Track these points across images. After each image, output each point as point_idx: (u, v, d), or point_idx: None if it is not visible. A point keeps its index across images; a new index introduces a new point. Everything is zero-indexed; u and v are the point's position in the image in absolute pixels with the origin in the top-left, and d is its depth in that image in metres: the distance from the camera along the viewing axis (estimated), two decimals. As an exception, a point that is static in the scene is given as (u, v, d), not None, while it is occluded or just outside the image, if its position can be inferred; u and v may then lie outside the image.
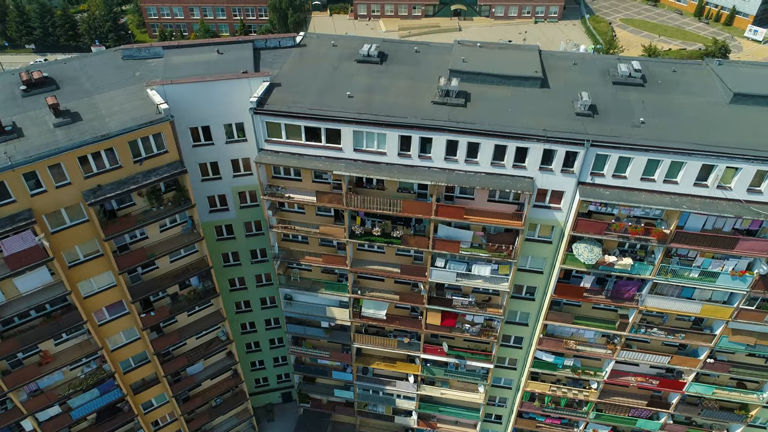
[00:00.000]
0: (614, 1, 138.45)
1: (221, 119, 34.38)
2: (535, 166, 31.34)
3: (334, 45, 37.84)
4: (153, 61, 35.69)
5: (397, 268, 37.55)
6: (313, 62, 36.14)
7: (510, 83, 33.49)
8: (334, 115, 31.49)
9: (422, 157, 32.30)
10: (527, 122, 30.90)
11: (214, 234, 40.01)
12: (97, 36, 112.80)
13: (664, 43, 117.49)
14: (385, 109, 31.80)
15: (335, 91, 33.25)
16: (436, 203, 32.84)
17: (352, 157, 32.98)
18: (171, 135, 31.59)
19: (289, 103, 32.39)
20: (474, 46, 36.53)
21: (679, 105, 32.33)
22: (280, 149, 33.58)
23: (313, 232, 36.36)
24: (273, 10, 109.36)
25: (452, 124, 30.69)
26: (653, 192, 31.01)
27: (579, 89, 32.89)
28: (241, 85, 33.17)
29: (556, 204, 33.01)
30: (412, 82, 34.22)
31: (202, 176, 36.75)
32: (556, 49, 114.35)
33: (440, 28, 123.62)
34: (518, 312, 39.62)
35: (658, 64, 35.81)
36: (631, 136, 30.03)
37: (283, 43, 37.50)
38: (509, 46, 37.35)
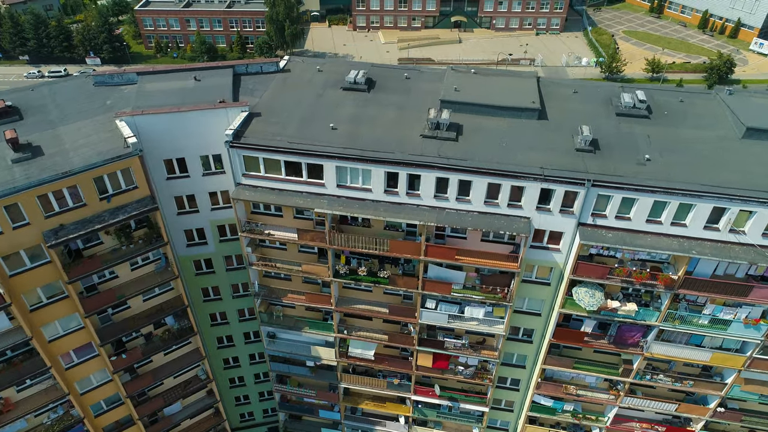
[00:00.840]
0: (617, 13, 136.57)
1: (197, 151, 32.21)
2: (532, 205, 29.02)
3: (320, 70, 35.68)
4: (126, 88, 33.58)
5: (385, 307, 35.20)
6: (296, 89, 33.97)
7: (505, 114, 31.24)
8: (316, 150, 29.27)
9: (410, 195, 30.02)
10: (523, 158, 28.62)
11: (192, 268, 37.75)
12: (91, 47, 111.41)
13: (668, 56, 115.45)
14: (370, 143, 29.58)
15: (318, 122, 31.05)
16: (425, 243, 30.51)
17: (335, 194, 30.73)
18: (140, 170, 29.44)
19: (268, 135, 30.19)
20: (467, 73, 34.32)
21: (687, 140, 30.00)
22: (259, 184, 31.35)
23: (296, 270, 34.05)
24: (270, 22, 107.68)
25: (442, 161, 28.43)
26: (660, 235, 28.67)
27: (579, 121, 30.62)
28: (218, 116, 31.01)
29: (554, 245, 30.67)
30: (400, 113, 32.00)
31: (178, 209, 34.53)
32: (557, 62, 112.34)
33: (440, 39, 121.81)
34: (515, 354, 37.20)
35: (665, 94, 33.51)
36: (636, 175, 27.70)
37: (266, 69, 35.35)
38: (506, 74, 35.10)
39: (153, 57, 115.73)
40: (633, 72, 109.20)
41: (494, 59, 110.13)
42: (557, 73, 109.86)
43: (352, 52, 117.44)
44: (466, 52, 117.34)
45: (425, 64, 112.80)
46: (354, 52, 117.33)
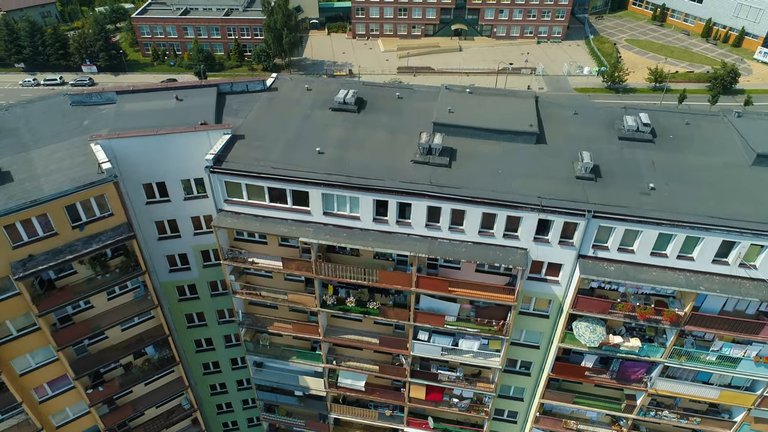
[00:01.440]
0: (619, 21, 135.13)
1: (178, 175, 30.66)
2: (529, 236, 27.35)
3: (308, 89, 34.13)
4: (105, 108, 32.07)
5: (375, 338, 33.51)
6: (283, 110, 32.42)
7: (502, 138, 29.63)
8: (301, 176, 27.70)
9: (401, 223, 28.39)
10: (520, 186, 26.97)
11: (175, 294, 36.16)
12: (87, 55, 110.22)
13: (671, 65, 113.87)
14: (358, 169, 27.97)
15: (304, 146, 29.48)
16: (417, 274, 28.84)
17: (321, 221, 29.12)
18: (116, 196, 27.87)
19: (251, 160, 28.62)
20: (462, 93, 32.72)
21: (694, 166, 28.33)
22: (242, 210, 29.75)
23: (281, 299, 32.39)
24: (268, 31, 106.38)
25: (433, 189, 26.80)
26: (665, 268, 26.94)
27: (580, 146, 28.98)
28: (199, 138, 29.47)
29: (553, 277, 28.99)
30: (391, 135, 30.41)
31: (159, 234, 32.95)
32: (559, 71, 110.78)
33: (440, 48, 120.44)
34: (512, 387, 35.45)
35: (670, 116, 31.86)
36: (640, 206, 26.03)
37: (252, 87, 33.81)
38: (503, 93, 33.47)
39: (150, 65, 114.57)
40: (635, 81, 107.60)
41: (495, 68, 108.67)
42: (558, 83, 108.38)
43: (351, 60, 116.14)
44: (467, 60, 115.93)
45: (425, 72, 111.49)
46: (353, 60, 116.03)
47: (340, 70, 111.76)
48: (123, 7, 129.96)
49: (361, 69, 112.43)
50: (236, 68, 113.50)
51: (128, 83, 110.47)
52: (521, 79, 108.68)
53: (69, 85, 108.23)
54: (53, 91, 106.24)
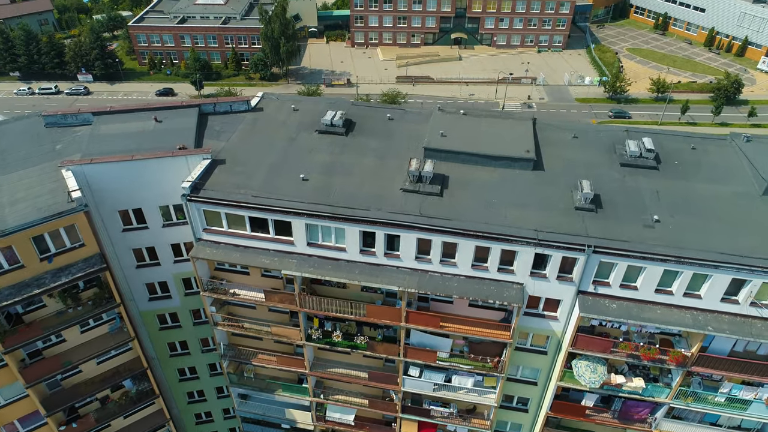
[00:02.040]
0: (621, 30, 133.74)
1: (155, 201, 29.10)
2: (526, 271, 25.67)
3: (295, 109, 32.58)
4: (80, 130, 30.56)
5: (364, 372, 31.80)
6: (267, 132, 30.86)
7: (497, 164, 28.01)
8: (283, 206, 26.07)
9: (389, 256, 26.74)
10: (516, 218, 25.32)
11: (156, 323, 34.53)
12: (83, 64, 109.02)
13: (674, 75, 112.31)
14: (344, 198, 26.36)
15: (288, 172, 27.89)
16: (406, 309, 27.15)
17: (305, 252, 27.48)
18: (87, 226, 26.32)
19: (232, 187, 27.02)
20: (456, 114, 31.12)
21: (701, 196, 26.65)
22: (221, 240, 28.13)
23: (264, 332, 30.71)
24: (265, 39, 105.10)
25: (423, 221, 25.16)
26: (671, 306, 25.22)
27: (579, 173, 27.37)
28: (177, 164, 27.94)
29: (551, 312, 27.29)
30: (380, 161, 28.80)
31: (137, 262, 31.33)
32: (560, 80, 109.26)
33: (440, 57, 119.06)
34: (509, 423, 33.66)
35: (675, 140, 30.22)
36: (643, 240, 24.34)
37: (236, 108, 32.26)
38: (498, 115, 31.85)
39: (146, 74, 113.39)
40: (637, 92, 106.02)
41: (495, 77, 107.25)
42: (559, 92, 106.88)
43: (349, 69, 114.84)
44: (466, 69, 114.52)
45: (424, 82, 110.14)
46: (352, 69, 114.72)
47: (338, 79, 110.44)
48: (120, 15, 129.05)
49: (360, 78, 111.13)
50: (233, 77, 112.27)
51: (124, 92, 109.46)
52: (521, 88, 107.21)
53: (64, 93, 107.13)
54: (48, 100, 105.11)
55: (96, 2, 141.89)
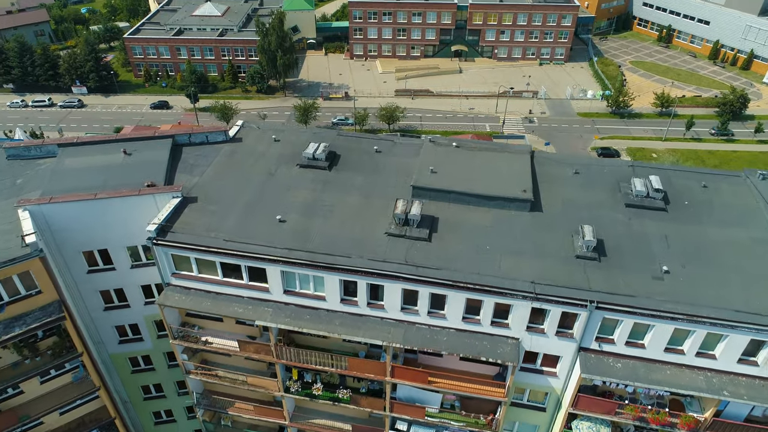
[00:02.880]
0: (624, 42, 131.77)
1: (122, 242, 26.97)
2: (522, 325, 23.37)
3: (276, 140, 30.43)
4: (44, 162, 28.50)
5: (348, 424, 29.44)
6: (245, 165, 28.71)
7: (491, 205, 25.78)
8: (257, 252, 23.85)
9: (372, 306, 24.47)
10: (511, 267, 23.05)
11: (128, 365, 32.34)
12: (77, 76, 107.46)
13: (678, 88, 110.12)
14: (324, 242, 24.14)
15: (265, 212, 25.70)
16: (392, 363, 24.83)
17: (282, 300, 25.20)
18: (43, 272, 24.17)
19: (202, 229, 24.84)
20: (448, 147, 28.93)
21: (715, 242, 24.33)
22: (192, 285, 25.89)
23: (240, 382, 28.38)
24: (262, 52, 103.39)
25: (409, 270, 22.90)
26: (682, 366, 22.84)
27: (581, 215, 25.12)
28: (144, 203, 25.80)
29: (550, 368, 24.95)
30: (364, 199, 26.59)
31: (105, 304, 29.14)
32: (562, 94, 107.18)
33: (440, 69, 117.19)
34: (504, 478, 31.16)
35: (684, 177, 27.94)
36: (651, 294, 22.03)
37: (212, 138, 30.15)
38: (494, 148, 29.62)
39: (142, 86, 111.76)
40: (641, 106, 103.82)
41: (496, 90, 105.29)
42: (561, 106, 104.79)
43: (348, 82, 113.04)
44: (467, 83, 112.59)
45: (423, 95, 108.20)
46: (350, 82, 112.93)
47: (336, 92, 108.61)
48: (117, 26, 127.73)
49: (358, 91, 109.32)
50: (230, 90, 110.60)
51: (118, 105, 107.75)
52: (523, 102, 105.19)
53: (58, 106, 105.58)
54: (41, 113, 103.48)
55: (93, 13, 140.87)
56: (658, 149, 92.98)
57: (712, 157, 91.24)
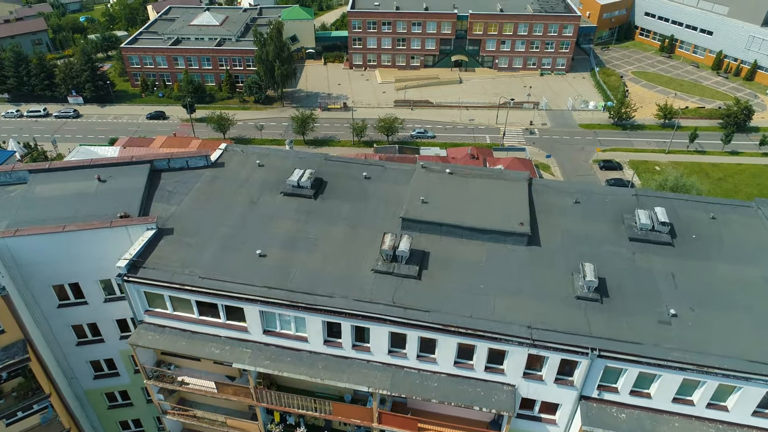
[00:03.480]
0: (626, 52, 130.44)
1: (94, 275, 25.44)
2: (518, 371, 21.69)
3: (260, 165, 28.89)
4: (14, 190, 27.01)
5: (335, 467, 27.65)
6: (226, 193, 27.16)
7: (486, 238, 24.14)
8: (233, 291, 22.23)
9: (358, 348, 22.80)
10: (506, 309, 21.42)
11: (104, 401, 30.75)
12: (73, 86, 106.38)
13: (681, 99, 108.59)
14: (305, 280, 22.55)
15: (245, 245, 24.13)
16: (378, 409, 23.13)
17: (261, 340, 23.56)
18: (6, 311, 22.64)
19: (177, 265, 23.27)
20: (442, 173, 27.36)
21: (725, 281, 22.67)
22: (166, 323, 24.26)
23: (219, 423, 26.70)
24: (259, 62, 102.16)
25: (396, 313, 21.26)
26: (691, 418, 21.10)
27: (581, 250, 23.50)
28: (117, 235, 24.23)
29: (549, 416, 23.23)
30: (351, 231, 25.01)
31: (78, 339, 27.55)
32: (563, 105, 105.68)
33: (439, 79, 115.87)
34: None
35: (691, 207, 26.30)
36: (658, 341, 20.35)
37: (193, 163, 28.63)
38: (489, 174, 28.01)
39: (138, 96, 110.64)
40: (643, 117, 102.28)
41: (496, 101, 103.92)
42: (563, 118, 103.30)
43: (346, 92, 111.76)
44: (467, 93, 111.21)
45: (422, 106, 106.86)
46: (349, 92, 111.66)
47: (334, 102, 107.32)
48: (115, 35, 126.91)
49: (357, 102, 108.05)
50: (227, 100, 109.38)
51: (114, 115, 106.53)
52: (523, 113, 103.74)
53: (53, 116, 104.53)
54: (36, 123, 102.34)
55: (92, 22, 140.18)
56: (661, 162, 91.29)
57: (716, 170, 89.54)
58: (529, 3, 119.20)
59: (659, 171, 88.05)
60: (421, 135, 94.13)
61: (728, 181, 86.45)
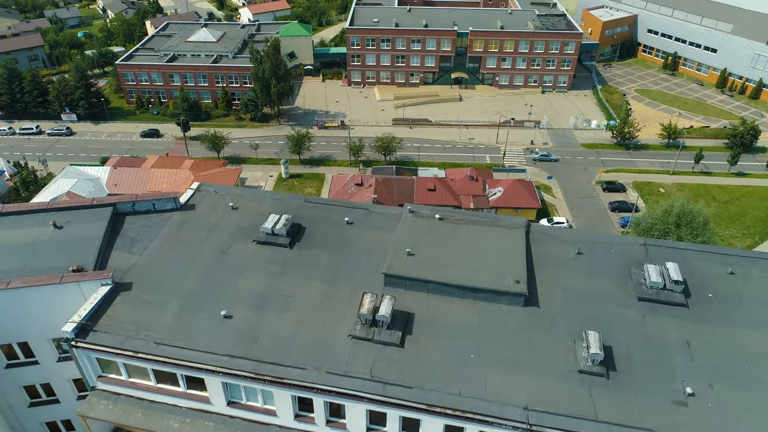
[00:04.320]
0: (629, 69, 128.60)
1: (45, 333, 23.01)
2: (513, 456, 18.98)
3: (234, 208, 26.52)
4: (-37, 237, 24.54)
5: None
6: (194, 240, 24.78)
7: (478, 297, 21.62)
8: (192, 360, 19.71)
9: (333, 425, 20.21)
10: (499, 384, 18.89)
11: (62, 462, 27.90)
12: (67, 103, 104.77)
13: (685, 118, 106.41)
14: (274, 348, 20.09)
15: (209, 304, 21.70)
16: (356, 492, 20.49)
17: (225, 413, 20.98)
18: (-61, 380, 19.99)
19: (132, 327, 20.83)
20: (431, 219, 24.92)
21: (748, 351, 20.09)
22: (121, 391, 21.71)
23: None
24: (255, 80, 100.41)
25: (375, 389, 18.71)
26: None
27: (585, 312, 20.96)
28: (69, 291, 21.77)
29: (548, 502, 20.44)
30: (329, 287, 22.56)
31: (30, 400, 25.00)
32: (565, 123, 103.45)
33: (439, 97, 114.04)
34: None
35: (707, 260, 23.78)
36: (673, 427, 17.66)
37: (160, 206, 26.29)
38: (483, 221, 25.50)
39: (133, 113, 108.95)
40: (647, 137, 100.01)
41: (496, 119, 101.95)
42: (564, 137, 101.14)
43: (344, 110, 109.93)
44: (467, 111, 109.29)
45: (421, 124, 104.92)
46: (347, 110, 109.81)
47: (331, 120, 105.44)
48: (111, 51, 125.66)
49: (354, 120, 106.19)
50: (223, 117, 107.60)
51: (107, 133, 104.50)
52: (524, 132, 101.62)
53: (45, 134, 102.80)
54: (29, 141, 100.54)
55: (90, 37, 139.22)
56: (665, 183, 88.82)
57: (723, 192, 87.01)
58: (530, 20, 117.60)
59: (664, 193, 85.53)
60: (544, 158, 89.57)
61: (735, 204, 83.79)
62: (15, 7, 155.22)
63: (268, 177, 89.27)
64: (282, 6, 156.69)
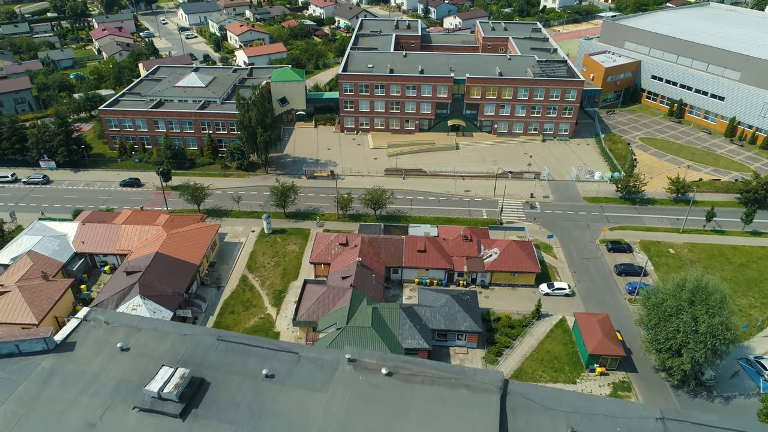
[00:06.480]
0: (633, 116, 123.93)
1: None
2: None
3: (124, 349, 20.40)
4: None
5: None
6: (57, 404, 18.64)
7: None
8: None
9: None
10: None
11: None
12: (46, 150, 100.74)
13: (693, 170, 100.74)
14: None
15: None
16: None
17: None
18: None
19: None
20: (376, 375, 18.72)
21: None
22: None
23: None
24: (241, 128, 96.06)
25: None
26: None
27: None
28: None
29: None
30: (222, 490, 16.11)
31: None
32: (567, 174, 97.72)
33: (435, 145, 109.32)
34: None
35: None
36: None
37: (26, 348, 20.26)
38: (444, 379, 19.13)
39: (114, 160, 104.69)
40: (653, 190, 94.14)
41: (494, 170, 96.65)
42: (566, 189, 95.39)
43: (336, 158, 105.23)
44: (464, 160, 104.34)
45: (415, 175, 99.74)
46: (338, 158, 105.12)
47: (321, 170, 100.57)
48: (99, 94, 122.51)
49: (346, 169, 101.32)
50: (209, 165, 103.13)
51: (86, 181, 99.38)
52: (524, 184, 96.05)
53: (21, 182, 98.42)
54: (3, 189, 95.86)
55: (82, 79, 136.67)
56: (675, 243, 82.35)
57: (738, 254, 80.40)
58: (530, 66, 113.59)
59: (673, 254, 78.91)
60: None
61: (752, 267, 76.96)
62: (10, 48, 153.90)
63: (249, 232, 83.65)
64: (278, 49, 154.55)
